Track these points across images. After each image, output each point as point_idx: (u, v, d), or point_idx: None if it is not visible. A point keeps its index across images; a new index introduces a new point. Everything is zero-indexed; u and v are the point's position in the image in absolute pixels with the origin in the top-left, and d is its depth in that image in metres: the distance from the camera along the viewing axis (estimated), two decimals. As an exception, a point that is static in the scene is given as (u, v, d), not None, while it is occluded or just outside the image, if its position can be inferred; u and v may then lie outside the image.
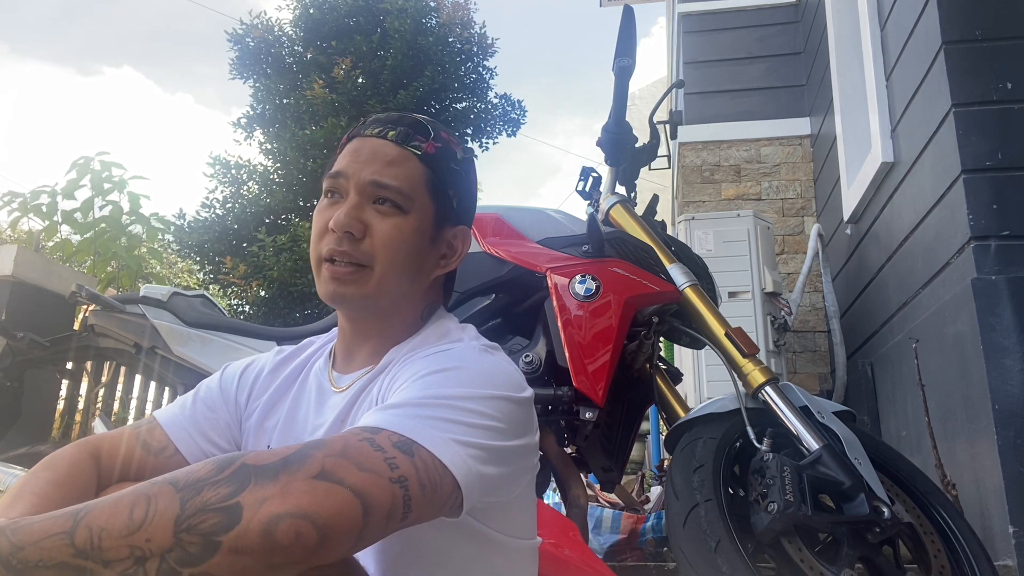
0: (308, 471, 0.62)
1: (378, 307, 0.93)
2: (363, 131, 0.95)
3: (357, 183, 0.90)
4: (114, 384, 2.69)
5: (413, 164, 0.92)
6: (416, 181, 0.92)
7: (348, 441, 0.67)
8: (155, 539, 0.57)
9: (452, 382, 0.78)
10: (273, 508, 0.58)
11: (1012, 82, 2.18)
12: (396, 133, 0.93)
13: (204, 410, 0.99)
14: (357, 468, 0.64)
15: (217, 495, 0.59)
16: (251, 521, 0.57)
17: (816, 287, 4.24)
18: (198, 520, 0.58)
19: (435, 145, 0.95)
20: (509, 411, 0.79)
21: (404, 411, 0.73)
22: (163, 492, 0.60)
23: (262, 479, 0.60)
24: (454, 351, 0.85)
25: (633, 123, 2.02)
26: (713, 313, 1.78)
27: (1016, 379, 1.93)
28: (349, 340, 0.98)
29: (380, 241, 0.89)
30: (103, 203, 3.91)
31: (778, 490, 1.39)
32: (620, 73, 1.88)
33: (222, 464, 0.63)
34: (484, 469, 0.74)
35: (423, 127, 0.95)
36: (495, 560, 0.89)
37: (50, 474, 0.81)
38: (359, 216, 0.89)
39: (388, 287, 0.91)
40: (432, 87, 5.97)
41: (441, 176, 0.94)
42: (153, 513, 0.58)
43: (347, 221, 0.88)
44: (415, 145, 0.93)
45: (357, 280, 0.89)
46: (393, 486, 0.65)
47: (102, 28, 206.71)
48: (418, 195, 0.92)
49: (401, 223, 0.90)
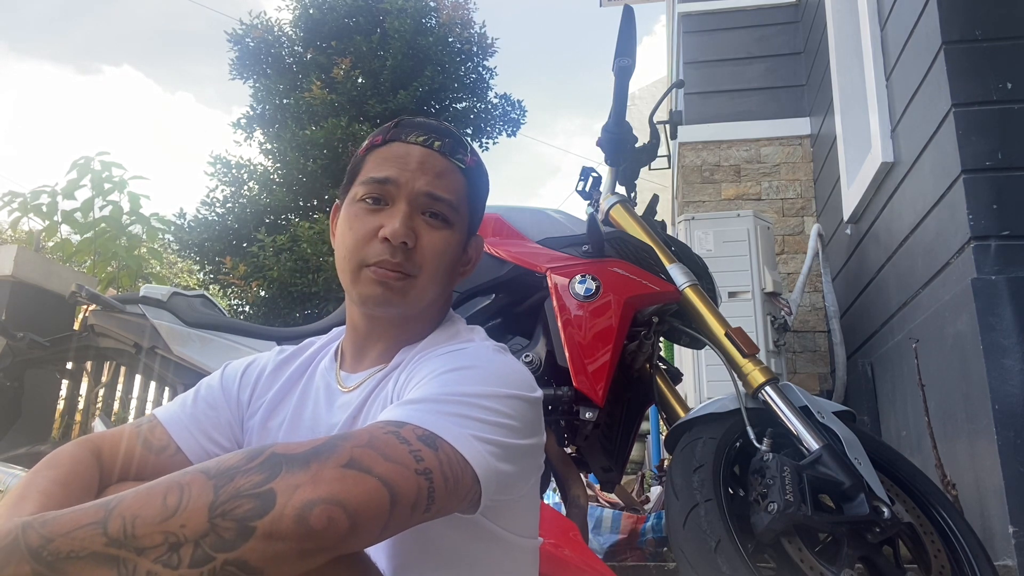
0: (338, 460, 0.63)
1: (412, 315, 0.95)
2: (404, 136, 0.94)
3: (409, 193, 0.90)
4: (114, 384, 2.69)
5: (457, 177, 0.94)
6: (461, 195, 0.94)
7: (374, 433, 0.68)
8: (190, 525, 0.58)
9: (469, 380, 0.79)
10: (306, 494, 0.59)
11: (1012, 82, 2.18)
12: (442, 144, 0.94)
13: (205, 408, 0.99)
14: (384, 459, 0.65)
15: (250, 482, 0.60)
16: (285, 507, 0.58)
17: (816, 287, 4.24)
18: (232, 506, 0.58)
19: (473, 159, 0.97)
20: (523, 410, 0.81)
21: (426, 406, 0.75)
22: (196, 480, 0.61)
23: (293, 467, 0.61)
24: (469, 350, 0.87)
25: (633, 123, 2.02)
26: (713, 313, 1.78)
27: (1016, 379, 1.93)
28: (362, 339, 0.98)
29: (429, 253, 0.91)
30: (103, 203, 3.92)
31: (778, 490, 1.38)
32: (620, 73, 1.88)
33: (252, 454, 0.64)
34: (501, 466, 0.75)
35: (461, 140, 0.97)
36: (501, 558, 0.89)
37: (54, 473, 0.81)
38: (412, 226, 0.90)
39: (427, 296, 0.93)
40: (432, 87, 5.98)
41: (476, 191, 0.98)
42: (187, 500, 0.59)
43: (403, 231, 0.88)
44: (459, 158, 0.95)
45: (403, 289, 0.90)
46: (419, 478, 0.66)
47: (101, 28, 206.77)
48: (461, 209, 0.94)
49: (448, 236, 0.93)
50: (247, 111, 6.23)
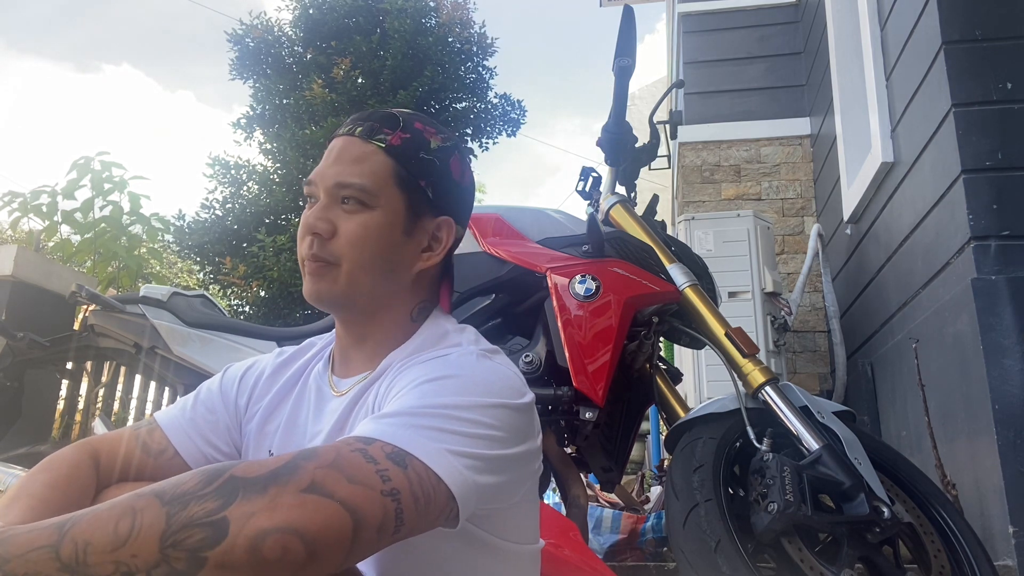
0: (298, 484, 0.61)
1: (358, 305, 0.92)
2: (339, 130, 0.95)
3: (325, 186, 0.90)
4: (114, 384, 2.68)
5: (379, 158, 0.91)
6: (381, 176, 0.90)
7: (340, 452, 0.66)
8: (141, 555, 0.57)
9: (448, 390, 0.77)
10: (260, 523, 0.58)
11: (1012, 82, 2.18)
12: (364, 128, 0.92)
13: (204, 412, 0.98)
14: (348, 481, 0.63)
15: (203, 509, 0.58)
16: (237, 536, 0.57)
17: (816, 287, 4.24)
18: (184, 535, 0.57)
19: (402, 136, 0.92)
20: (507, 418, 0.78)
21: (399, 420, 0.72)
22: (149, 506, 0.59)
23: (250, 492, 0.60)
24: (451, 357, 0.84)
25: (633, 123, 2.02)
26: (713, 313, 1.78)
27: (1016, 379, 1.93)
28: (344, 344, 0.97)
29: (346, 239, 0.89)
30: (103, 203, 3.92)
31: (778, 490, 1.38)
32: (620, 73, 1.88)
33: (210, 476, 0.62)
34: (481, 479, 0.73)
35: (392, 119, 0.94)
36: (496, 566, 0.88)
37: (48, 476, 0.81)
38: (326, 216, 0.89)
39: (360, 283, 0.90)
40: (432, 87, 5.97)
41: (409, 167, 0.92)
42: (139, 528, 0.58)
43: (312, 222, 0.89)
44: (380, 138, 0.91)
45: (326, 277, 0.89)
46: (385, 499, 0.64)
47: (101, 28, 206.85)
48: (384, 189, 0.90)
49: (366, 219, 0.89)
50: (247, 111, 6.23)
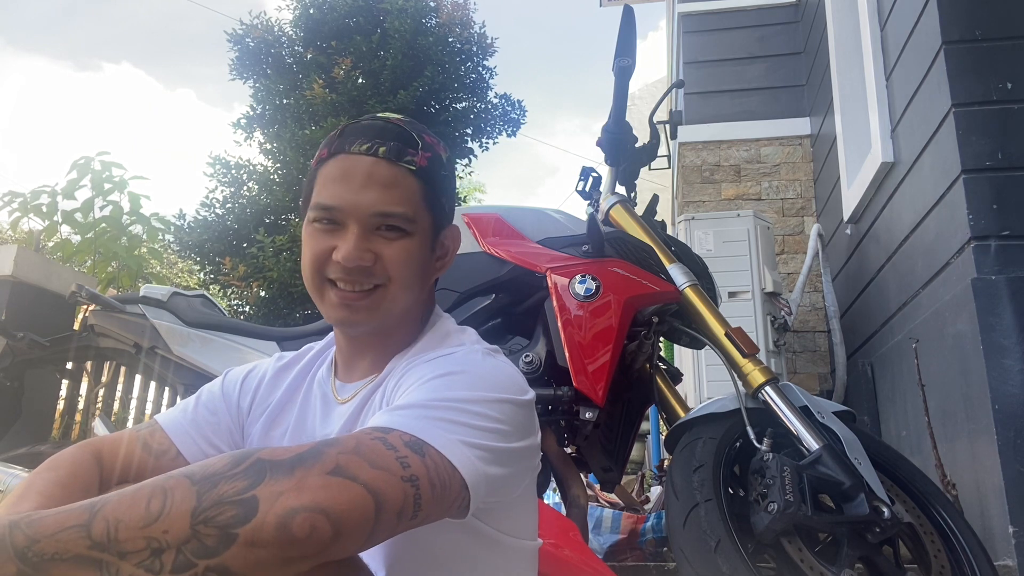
0: (323, 467, 0.62)
1: (387, 325, 0.93)
2: (348, 147, 0.89)
3: (359, 216, 0.87)
4: (114, 384, 2.69)
5: (410, 182, 0.89)
6: (416, 200, 0.89)
7: (361, 440, 0.68)
8: (172, 531, 0.58)
9: (457, 385, 0.79)
10: (289, 502, 0.59)
11: (1012, 82, 2.18)
12: (388, 149, 0.88)
13: (206, 414, 0.99)
14: (370, 465, 0.65)
15: (233, 488, 0.60)
16: (267, 514, 0.58)
17: (816, 287, 4.24)
18: (215, 512, 0.58)
19: (426, 156, 0.91)
20: (512, 413, 0.80)
21: (413, 412, 0.74)
22: (179, 485, 0.60)
23: (277, 473, 0.61)
24: (457, 355, 0.86)
25: (633, 123, 2.02)
26: (713, 313, 1.78)
27: (1016, 379, 1.93)
28: (347, 354, 0.98)
29: (393, 265, 0.88)
30: (103, 203, 3.91)
31: (778, 490, 1.39)
32: (620, 73, 1.88)
33: (237, 459, 0.63)
34: (490, 470, 0.75)
35: (410, 137, 0.91)
36: (498, 560, 0.89)
37: (54, 474, 0.81)
38: (369, 248, 0.87)
39: (399, 305, 0.91)
40: (432, 87, 5.97)
41: (435, 188, 0.92)
42: (170, 505, 0.59)
43: (359, 256, 0.86)
44: (408, 160, 0.89)
45: (371, 304, 0.89)
46: (405, 484, 0.66)
47: (101, 28, 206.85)
48: (419, 213, 0.90)
49: (409, 244, 0.89)
50: (247, 111, 6.23)
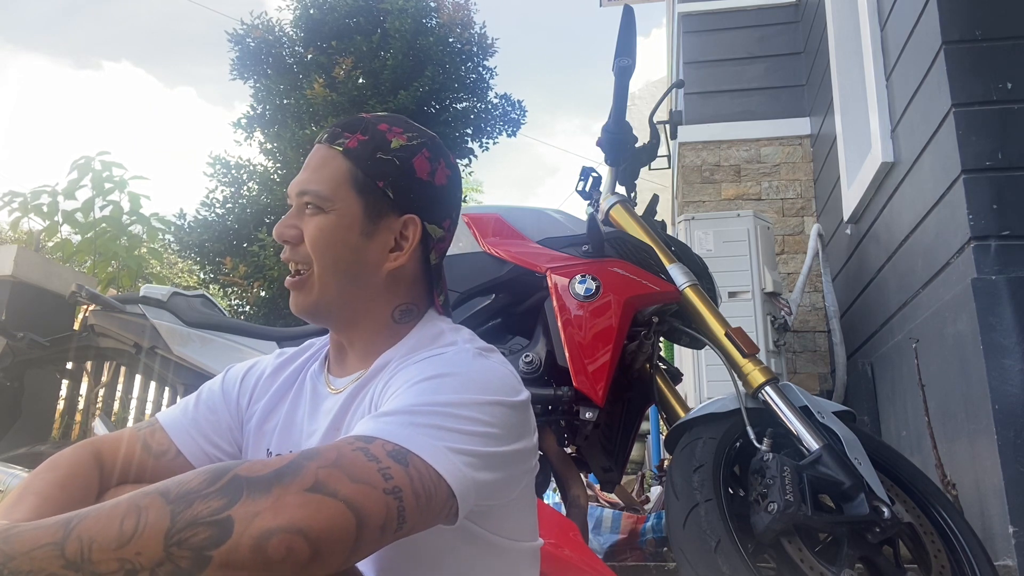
0: (301, 484, 0.61)
1: (334, 312, 0.93)
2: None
3: (292, 194, 0.94)
4: (114, 384, 2.69)
5: (337, 163, 0.92)
6: (337, 179, 0.91)
7: (342, 451, 0.66)
8: (145, 552, 0.57)
9: (445, 388, 0.77)
10: (265, 522, 0.58)
11: (1012, 82, 2.18)
12: (328, 134, 0.95)
13: (206, 412, 0.99)
14: (350, 480, 0.63)
15: (208, 508, 0.59)
16: (242, 535, 0.57)
17: (816, 287, 4.24)
18: (189, 534, 0.57)
19: (360, 138, 0.93)
20: (504, 416, 0.78)
21: (398, 419, 0.73)
22: (154, 504, 0.59)
23: (254, 492, 0.60)
24: (447, 356, 0.84)
25: (633, 123, 2.02)
26: (713, 313, 1.78)
27: (1016, 379, 1.92)
28: (335, 346, 0.99)
29: (308, 242, 0.91)
30: (104, 203, 3.91)
31: (778, 490, 1.39)
32: (620, 73, 1.88)
33: (214, 475, 0.62)
34: (479, 476, 0.73)
35: (356, 123, 0.95)
36: (495, 563, 0.88)
37: (53, 475, 0.81)
38: (294, 223, 0.93)
39: (329, 288, 0.91)
40: (432, 87, 5.97)
41: (364, 168, 0.92)
42: (144, 525, 0.58)
43: (281, 230, 0.93)
44: (339, 143, 0.93)
45: (303, 287, 0.93)
46: (387, 497, 0.64)
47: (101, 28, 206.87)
48: (339, 192, 0.91)
49: (321, 222, 0.91)
50: (248, 111, 6.24)
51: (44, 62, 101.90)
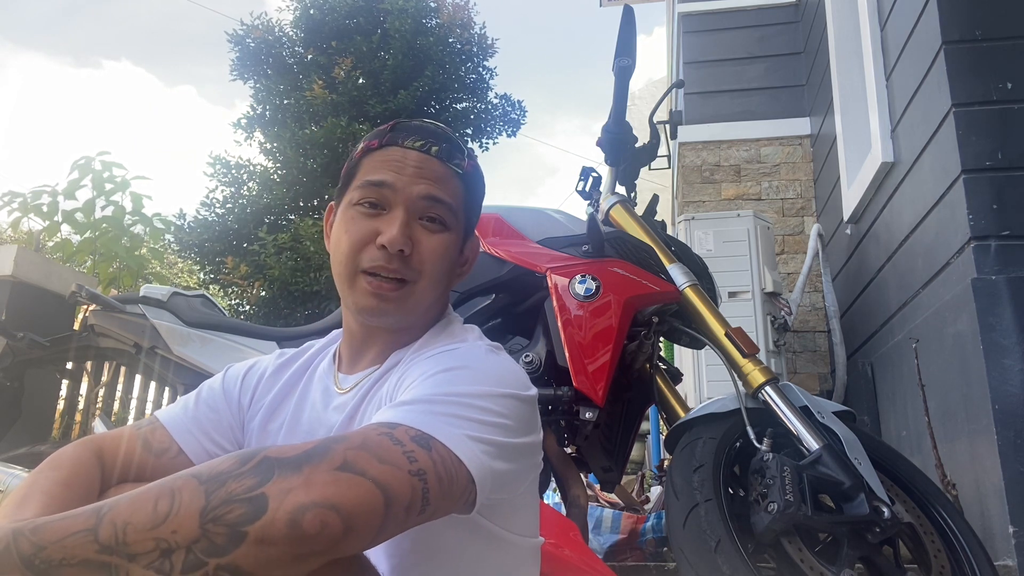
0: (331, 463, 0.62)
1: (409, 322, 0.94)
2: (400, 141, 0.93)
3: (407, 198, 0.90)
4: (114, 384, 2.69)
5: (456, 183, 0.94)
6: (459, 200, 0.94)
7: (367, 435, 0.68)
8: (181, 531, 0.57)
9: (462, 380, 0.79)
10: (298, 498, 0.59)
11: (1012, 82, 2.18)
12: (440, 150, 0.94)
13: (206, 411, 0.99)
14: (378, 461, 0.64)
15: (242, 486, 0.59)
16: (277, 511, 0.58)
17: (816, 287, 4.24)
18: (224, 511, 0.58)
19: (471, 164, 0.98)
20: (517, 409, 0.81)
21: (419, 407, 0.74)
22: (187, 485, 0.60)
23: (285, 471, 0.61)
24: (461, 350, 0.86)
25: (633, 123, 2.02)
26: (713, 313, 1.78)
27: (1016, 379, 1.92)
28: (358, 342, 0.98)
29: (428, 257, 0.91)
30: (105, 204, 3.91)
31: (778, 490, 1.39)
32: (620, 73, 1.88)
33: (244, 457, 0.63)
34: (496, 465, 0.75)
35: (459, 144, 0.97)
36: (502, 558, 0.89)
37: (56, 474, 0.81)
38: (411, 234, 0.90)
39: (426, 302, 0.93)
40: (432, 87, 5.98)
41: (473, 194, 0.98)
42: (178, 505, 0.58)
43: (402, 239, 0.88)
44: (456, 163, 0.95)
45: (400, 296, 0.90)
46: (412, 479, 0.66)
47: (101, 28, 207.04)
48: (460, 213, 0.95)
49: (447, 240, 0.93)
50: (248, 111, 6.24)
51: (44, 60, 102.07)
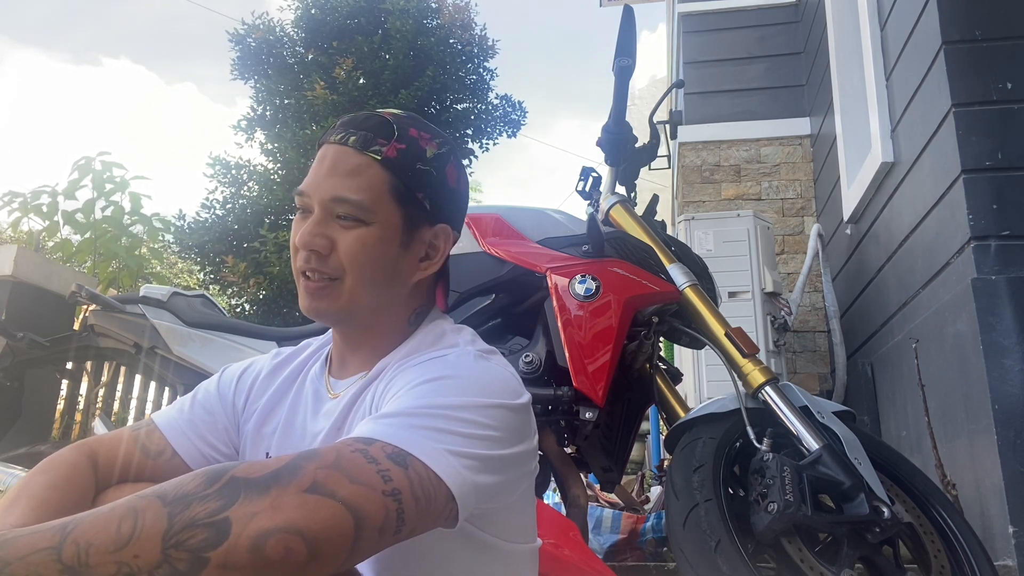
0: (299, 484, 0.61)
1: (357, 319, 0.92)
2: (329, 138, 0.92)
3: (320, 200, 0.88)
4: (114, 384, 2.69)
5: (374, 171, 0.88)
6: (378, 190, 0.88)
7: (341, 452, 0.66)
8: (143, 555, 0.57)
9: (446, 391, 0.77)
10: (262, 523, 0.58)
11: (1012, 82, 2.18)
12: (358, 139, 0.89)
13: (202, 413, 0.98)
14: (349, 481, 0.63)
15: (205, 510, 0.58)
16: (240, 536, 0.57)
17: (816, 287, 4.24)
18: (186, 536, 0.57)
19: (398, 147, 0.90)
20: (505, 419, 0.78)
21: (398, 421, 0.72)
22: (151, 506, 0.59)
23: (252, 493, 0.60)
24: (448, 358, 0.84)
25: (633, 123, 2.02)
26: (713, 313, 1.78)
27: (1016, 379, 1.92)
28: (341, 348, 0.97)
29: (345, 255, 0.87)
30: (105, 204, 3.91)
31: (778, 490, 1.38)
32: (620, 73, 1.88)
33: (211, 477, 0.62)
34: (479, 479, 0.73)
35: (387, 128, 0.91)
36: (494, 565, 0.88)
37: (47, 477, 0.80)
38: (323, 232, 0.87)
39: (361, 299, 0.89)
40: (433, 88, 5.98)
41: (406, 180, 0.89)
42: (141, 528, 0.58)
43: (310, 239, 0.87)
44: (375, 150, 0.89)
45: (329, 294, 0.88)
46: (386, 499, 0.64)
47: (102, 28, 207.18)
48: (381, 204, 0.88)
49: (364, 235, 0.87)
50: (248, 111, 6.24)
51: (43, 59, 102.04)
